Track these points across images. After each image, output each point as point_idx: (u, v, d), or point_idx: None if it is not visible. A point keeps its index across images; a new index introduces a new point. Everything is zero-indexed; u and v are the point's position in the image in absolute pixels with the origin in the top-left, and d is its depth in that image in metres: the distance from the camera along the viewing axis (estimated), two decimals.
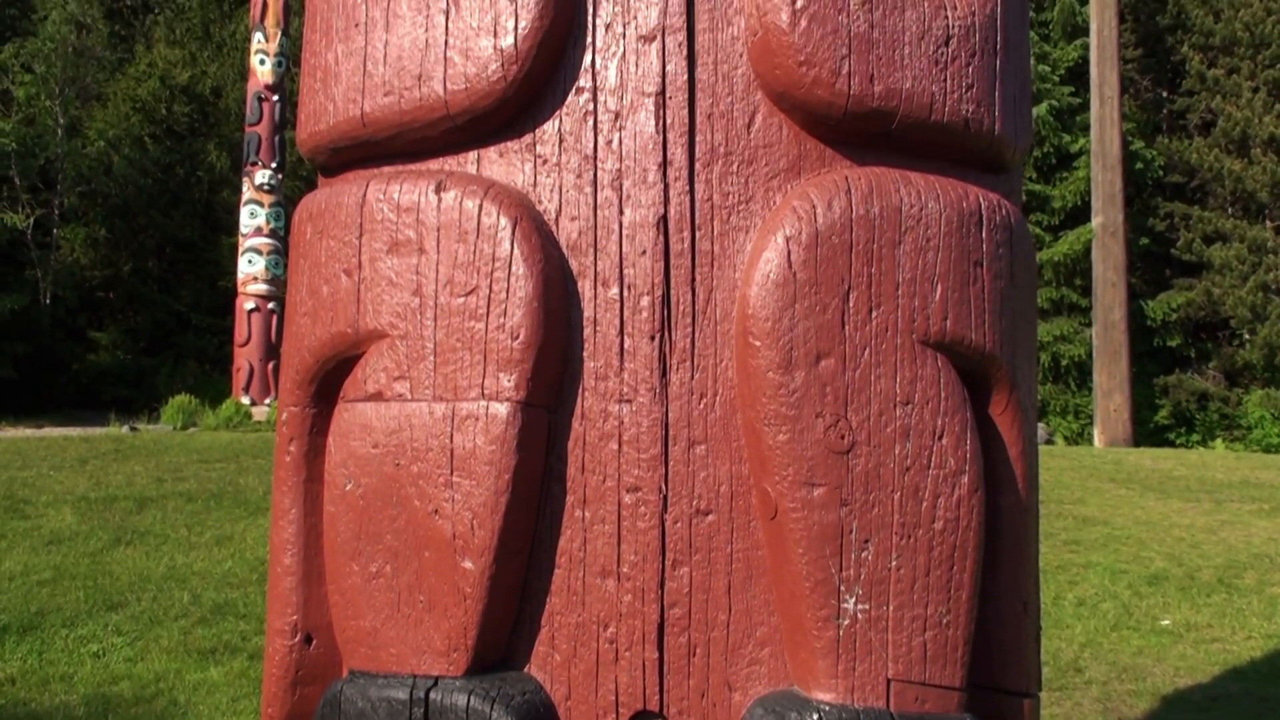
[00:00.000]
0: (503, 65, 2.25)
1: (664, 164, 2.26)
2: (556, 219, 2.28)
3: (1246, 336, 32.41)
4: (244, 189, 25.67)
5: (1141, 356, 31.59)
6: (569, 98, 2.31)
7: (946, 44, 2.30)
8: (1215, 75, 31.76)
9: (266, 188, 25.47)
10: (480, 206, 2.21)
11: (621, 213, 2.25)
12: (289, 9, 26.84)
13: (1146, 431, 31.06)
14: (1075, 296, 31.29)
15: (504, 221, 2.20)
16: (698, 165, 2.26)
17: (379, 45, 2.37)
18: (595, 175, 2.28)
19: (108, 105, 36.94)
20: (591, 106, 2.30)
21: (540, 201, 2.29)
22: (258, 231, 25.23)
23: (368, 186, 2.31)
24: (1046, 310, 31.52)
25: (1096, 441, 28.46)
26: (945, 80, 2.29)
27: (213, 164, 37.03)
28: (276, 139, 25.95)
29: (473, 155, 2.35)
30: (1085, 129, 30.41)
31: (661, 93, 2.28)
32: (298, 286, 2.42)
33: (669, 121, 2.27)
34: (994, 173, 2.46)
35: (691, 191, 2.25)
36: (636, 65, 2.30)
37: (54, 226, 34.41)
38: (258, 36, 26.41)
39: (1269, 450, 28.60)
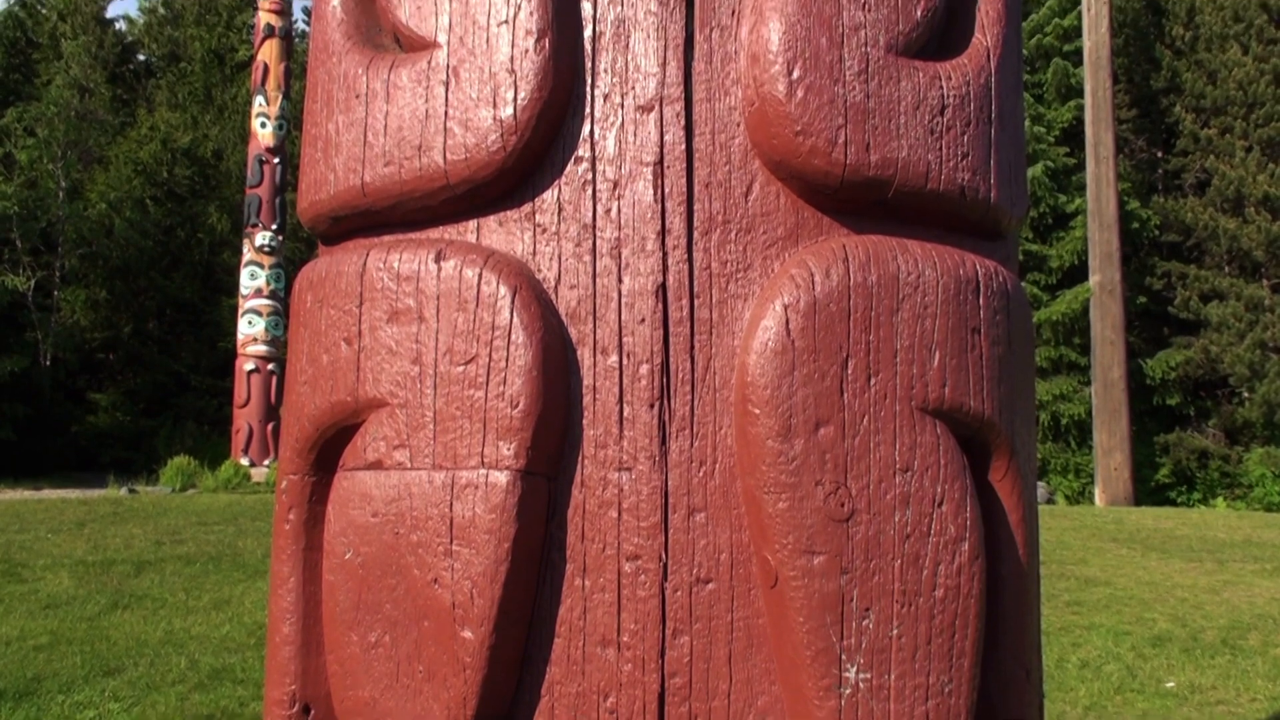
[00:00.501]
0: (502, 136, 2.28)
1: (662, 232, 2.28)
2: (556, 287, 2.29)
3: (1245, 394, 32.41)
4: (245, 250, 25.79)
5: (1141, 415, 31.58)
6: (568, 167, 2.33)
7: (942, 113, 2.33)
8: (1208, 135, 32.01)
9: (267, 249, 25.59)
10: (480, 275, 2.22)
11: (620, 281, 2.27)
12: (290, 73, 27.12)
13: (1147, 490, 30.99)
14: (1074, 355, 31.33)
15: (503, 290, 2.21)
16: (696, 233, 2.28)
17: (379, 116, 2.39)
18: (594, 244, 2.29)
19: (109, 168, 37.18)
20: (590, 176, 2.32)
21: (539, 270, 2.30)
22: (258, 293, 25.32)
23: (368, 255, 2.32)
24: (1046, 369, 31.56)
25: (1097, 500, 28.38)
26: (941, 149, 2.31)
27: (213, 226, 37.23)
28: (277, 201, 26.11)
29: (472, 224, 2.36)
30: (1081, 189, 30.59)
31: (660, 162, 2.30)
32: (298, 355, 2.42)
33: (667, 190, 2.29)
34: (990, 240, 2.48)
35: (690, 260, 2.27)
36: (635, 135, 2.32)
37: (54, 289, 34.52)
38: (259, 100, 26.65)
39: (1270, 509, 28.51)
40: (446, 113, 2.32)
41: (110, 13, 41.33)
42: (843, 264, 2.20)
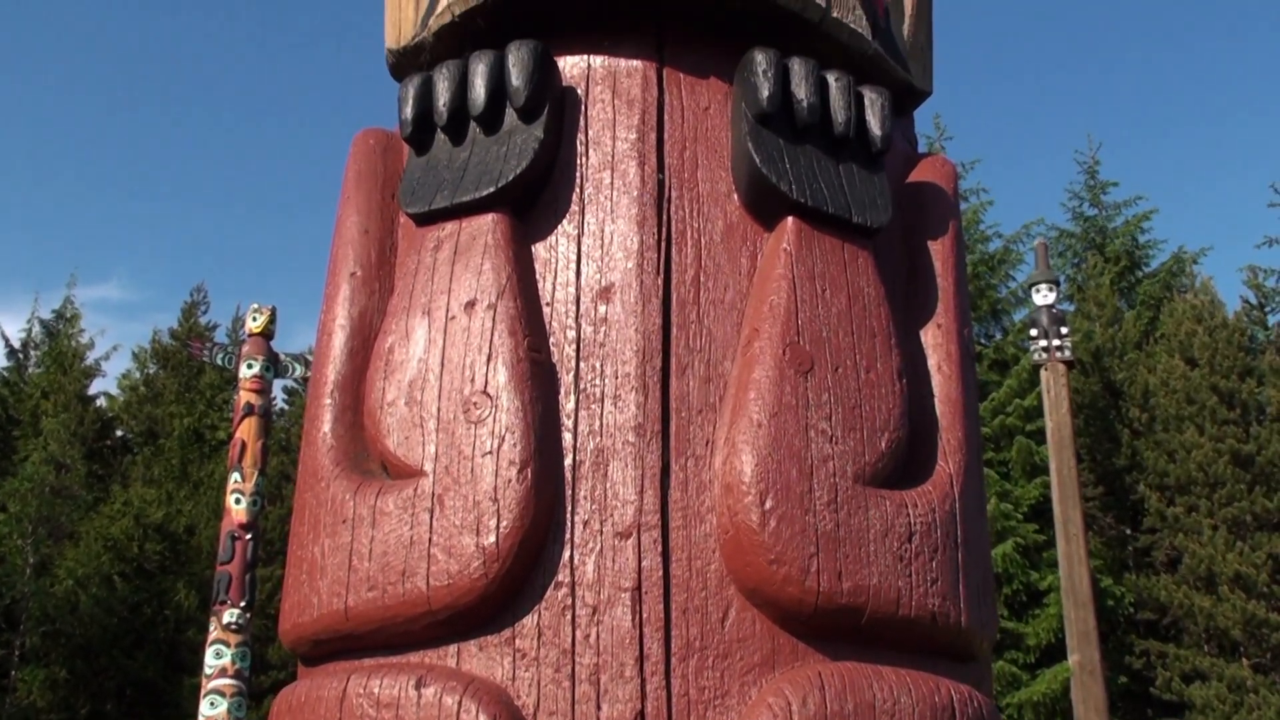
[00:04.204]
0: (484, 563, 2.33)
1: (640, 659, 2.30)
2: (535, 714, 2.29)
3: None
4: (211, 628, 25.24)
5: None
6: (548, 592, 2.38)
7: (910, 540, 2.41)
8: (1175, 514, 32.42)
9: (234, 627, 25.03)
10: (460, 703, 2.23)
11: (599, 708, 2.27)
12: (267, 450, 27.42)
13: None
14: None
15: (483, 718, 2.20)
16: (674, 660, 2.30)
17: (365, 541, 2.45)
18: (573, 670, 2.31)
19: (80, 544, 36.91)
20: (570, 601, 2.36)
21: (519, 696, 2.31)
22: (222, 672, 24.53)
23: (348, 681, 2.33)
24: None
25: None
26: (910, 575, 2.38)
27: (181, 602, 36.63)
28: (247, 578, 25.76)
29: (453, 649, 2.38)
30: (1053, 565, 30.60)
31: (638, 588, 2.35)
32: None
33: (645, 616, 2.33)
34: (963, 662, 2.51)
35: (668, 686, 2.28)
36: (614, 561, 2.38)
37: (13, 668, 33.52)
38: (234, 476, 26.77)
39: None
40: (431, 539, 2.39)
41: (93, 389, 42.10)
42: (819, 692, 2.22)
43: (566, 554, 2.40)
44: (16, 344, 43.20)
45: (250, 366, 24.88)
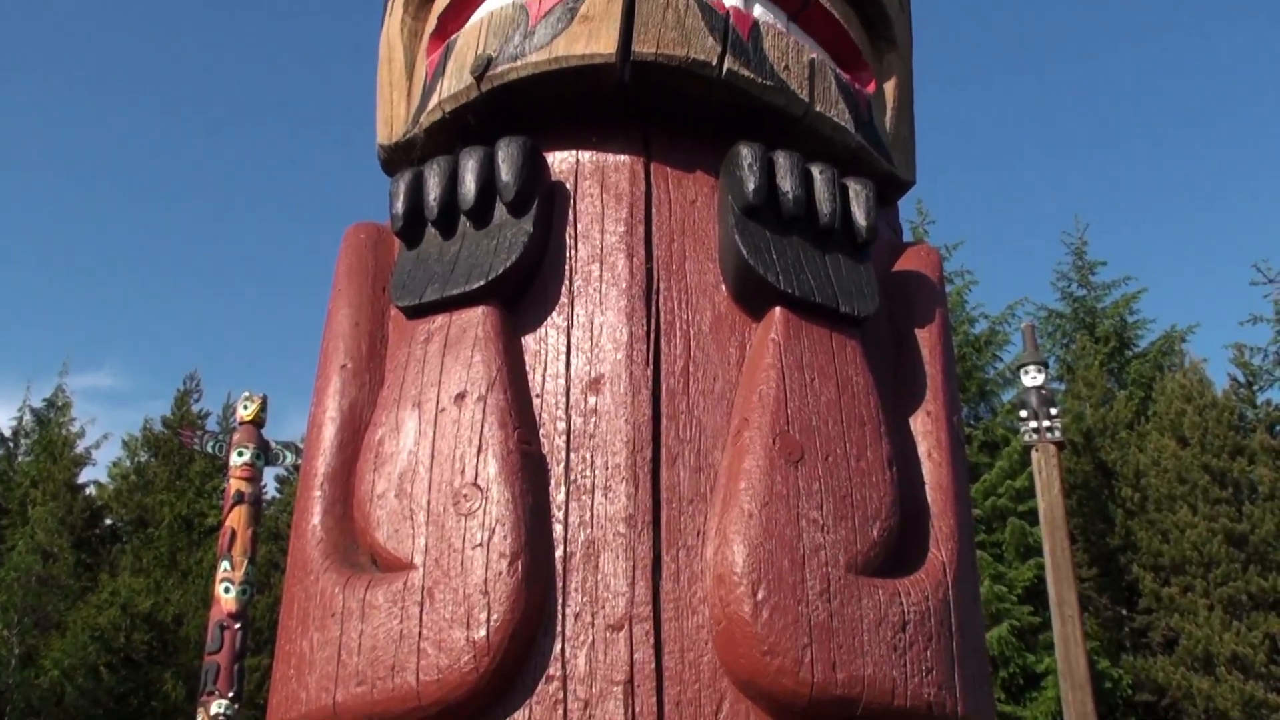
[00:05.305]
0: (475, 657, 2.31)
1: None
2: None
3: None
4: (198, 719, 24.93)
5: None
6: (539, 686, 2.36)
7: (904, 629, 2.40)
8: (1170, 594, 32.25)
9: (222, 718, 24.73)
10: None
11: None
12: (257, 538, 27.27)
13: None
14: None
15: None
16: None
17: (354, 635, 2.44)
18: None
19: (66, 634, 36.51)
20: (561, 695, 2.34)
21: None
22: None
23: None
24: None
25: None
26: (905, 665, 2.37)
27: (168, 693, 36.13)
28: (236, 668, 25.50)
29: None
30: (1049, 647, 30.35)
31: (630, 681, 2.33)
32: None
33: (638, 710, 2.31)
34: None
35: None
36: (605, 654, 2.36)
37: None
38: (224, 564, 26.59)
39: None
40: (421, 633, 2.37)
41: (82, 477, 41.94)
42: None
43: (558, 647, 2.39)
44: (7, 432, 43.03)
45: (241, 454, 24.83)
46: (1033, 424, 22.24)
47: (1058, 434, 22.35)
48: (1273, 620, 30.15)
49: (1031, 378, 22.74)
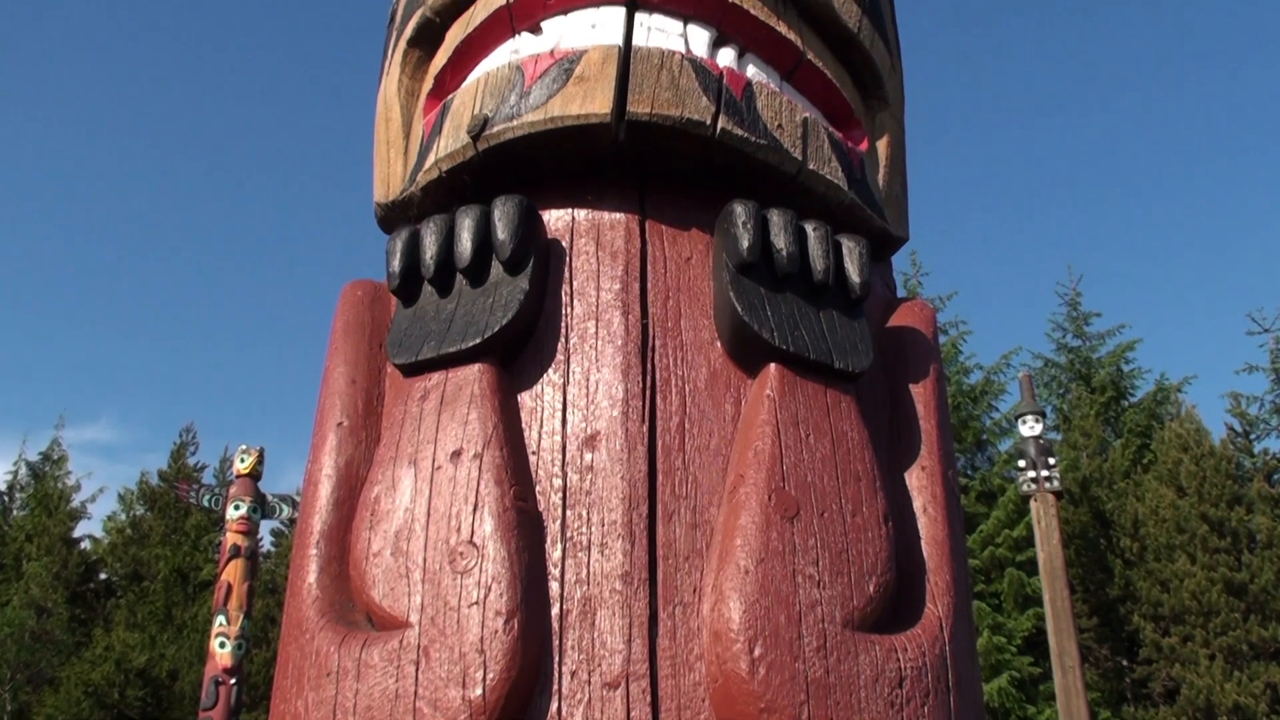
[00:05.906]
0: (471, 716, 2.31)
1: None
2: None
3: None
4: None
5: None
6: None
7: (900, 685, 2.40)
8: (1170, 644, 32.10)
9: None
10: None
11: None
12: (253, 591, 27.12)
13: None
14: None
15: None
16: None
17: (349, 694, 2.42)
18: None
19: (59, 690, 36.23)
20: None
21: None
22: None
23: None
24: None
25: None
26: None
27: None
28: None
29: None
30: (1049, 698, 30.16)
31: None
32: None
33: None
34: None
35: None
36: (602, 712, 2.36)
37: None
38: (219, 619, 26.44)
39: None
40: (416, 692, 2.36)
41: (78, 531, 41.81)
42: None
43: (554, 705, 2.38)
44: (2, 486, 42.89)
45: (238, 507, 24.72)
46: (1031, 474, 22.19)
47: (1056, 483, 22.30)
48: (1274, 670, 29.98)
49: (1029, 427, 22.71)
